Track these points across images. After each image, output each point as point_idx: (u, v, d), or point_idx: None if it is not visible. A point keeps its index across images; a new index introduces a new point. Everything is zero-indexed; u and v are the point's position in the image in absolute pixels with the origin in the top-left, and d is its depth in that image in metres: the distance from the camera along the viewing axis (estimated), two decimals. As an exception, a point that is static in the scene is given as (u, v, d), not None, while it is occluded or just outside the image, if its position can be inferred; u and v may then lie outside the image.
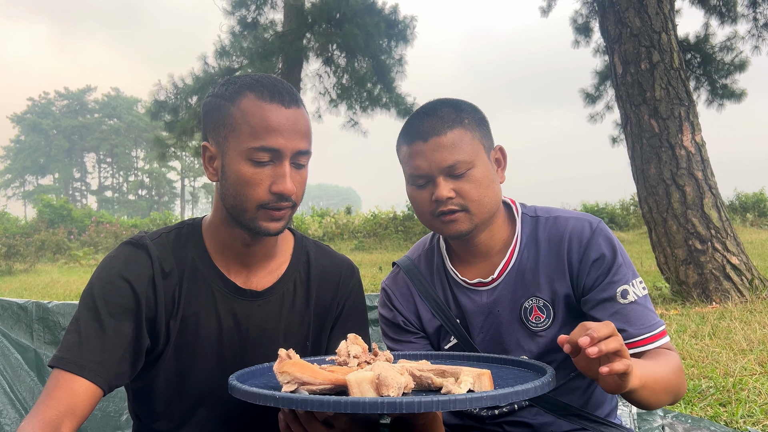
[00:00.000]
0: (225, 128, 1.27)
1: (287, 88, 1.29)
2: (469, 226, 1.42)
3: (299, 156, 1.28)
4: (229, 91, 1.28)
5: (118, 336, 1.25)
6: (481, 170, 1.42)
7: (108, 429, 2.17)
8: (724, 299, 5.85)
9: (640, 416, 2.52)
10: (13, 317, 2.26)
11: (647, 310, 1.39)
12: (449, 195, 1.39)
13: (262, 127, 1.23)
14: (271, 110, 1.24)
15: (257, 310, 1.40)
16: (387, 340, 1.61)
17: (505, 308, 1.48)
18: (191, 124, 13.51)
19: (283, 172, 1.25)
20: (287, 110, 1.25)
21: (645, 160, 6.40)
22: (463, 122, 1.42)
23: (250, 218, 1.28)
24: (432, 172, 1.39)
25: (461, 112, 1.44)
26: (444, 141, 1.39)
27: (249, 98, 1.25)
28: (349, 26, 12.97)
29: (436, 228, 1.46)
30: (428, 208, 1.43)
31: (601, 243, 1.43)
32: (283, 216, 1.29)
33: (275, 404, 0.94)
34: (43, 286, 11.20)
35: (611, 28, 6.72)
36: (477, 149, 1.42)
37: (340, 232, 21.80)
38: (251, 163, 1.24)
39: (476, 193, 1.40)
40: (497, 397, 0.92)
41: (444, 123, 1.40)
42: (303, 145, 1.27)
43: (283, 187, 1.24)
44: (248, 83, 1.27)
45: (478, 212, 1.41)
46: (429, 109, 1.45)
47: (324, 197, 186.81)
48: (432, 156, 1.39)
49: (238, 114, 1.25)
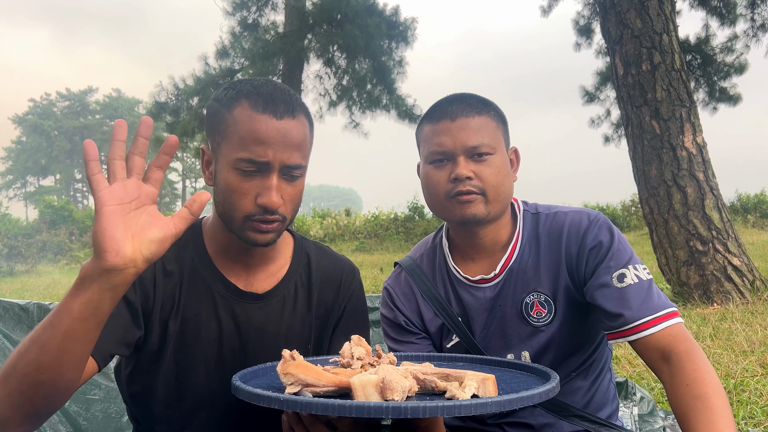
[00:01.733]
0: (219, 134, 1.26)
1: (285, 98, 1.26)
2: (483, 211, 1.42)
3: (290, 169, 1.25)
4: (227, 97, 1.27)
5: (114, 317, 1.22)
6: (501, 159, 1.45)
7: (109, 430, 2.17)
8: (726, 300, 5.84)
9: (641, 418, 2.52)
10: (14, 318, 2.26)
11: (649, 293, 1.35)
12: (469, 174, 1.40)
13: (250, 138, 1.21)
14: (261, 121, 1.22)
15: (258, 313, 1.39)
16: (388, 341, 1.61)
17: (507, 304, 1.49)
18: (192, 125, 13.51)
19: (270, 185, 1.23)
20: (278, 122, 1.23)
21: (646, 161, 6.39)
22: (490, 112, 1.47)
23: (238, 228, 1.27)
24: (455, 149, 1.42)
25: (488, 105, 1.49)
26: (471, 123, 1.43)
27: (243, 106, 1.23)
28: (350, 27, 12.97)
29: (450, 210, 1.45)
30: (444, 188, 1.44)
31: (598, 232, 1.43)
32: (272, 229, 1.27)
33: (279, 406, 0.94)
34: (44, 287, 11.20)
35: (612, 29, 6.72)
36: (499, 140, 1.46)
37: (341, 233, 21.79)
38: (239, 173, 1.23)
39: (494, 179, 1.42)
40: (502, 403, 0.92)
41: (472, 108, 1.45)
42: (294, 158, 1.25)
43: (268, 200, 1.22)
44: (246, 91, 1.26)
45: (494, 199, 1.43)
46: (458, 97, 1.49)
47: (325, 198, 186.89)
48: (458, 134, 1.42)
49: (231, 121, 1.24)
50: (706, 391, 1.17)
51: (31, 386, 1.02)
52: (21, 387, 1.01)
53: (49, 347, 1.00)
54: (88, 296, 0.98)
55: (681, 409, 1.18)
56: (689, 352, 1.25)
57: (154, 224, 1.02)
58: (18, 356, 1.02)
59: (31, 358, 1.00)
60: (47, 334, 1.00)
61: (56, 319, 0.99)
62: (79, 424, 2.16)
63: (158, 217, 1.04)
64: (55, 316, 1.00)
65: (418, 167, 1.55)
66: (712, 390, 1.17)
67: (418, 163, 1.55)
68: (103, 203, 0.98)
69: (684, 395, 1.19)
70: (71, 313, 0.98)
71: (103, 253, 0.97)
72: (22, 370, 1.01)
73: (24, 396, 1.02)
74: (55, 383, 1.03)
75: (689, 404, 1.17)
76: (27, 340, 1.02)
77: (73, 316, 0.98)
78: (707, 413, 1.13)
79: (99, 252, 0.97)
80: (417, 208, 21.79)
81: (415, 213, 21.87)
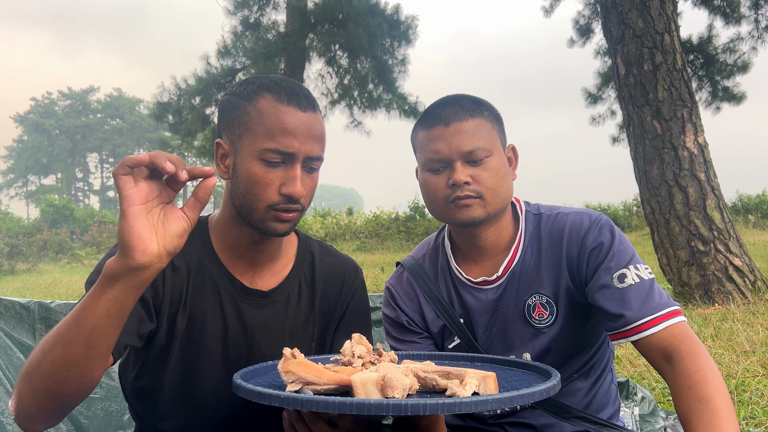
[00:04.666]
0: (240, 126, 1.27)
1: (305, 93, 1.29)
2: (483, 214, 1.42)
3: (311, 161, 1.28)
4: (247, 91, 1.29)
5: None
6: (498, 160, 1.44)
7: (110, 428, 2.17)
8: (727, 301, 5.84)
9: (642, 418, 2.52)
10: (15, 317, 2.27)
11: (650, 293, 1.34)
12: (466, 180, 1.40)
13: (277, 128, 1.23)
14: (288, 112, 1.24)
15: (263, 311, 1.40)
16: (390, 340, 1.61)
17: (509, 306, 1.49)
18: (195, 125, 13.52)
19: (294, 175, 1.25)
20: (303, 114, 1.25)
21: (647, 161, 6.39)
22: (484, 113, 1.46)
23: (258, 218, 1.28)
24: (451, 155, 1.41)
25: (481, 105, 1.48)
26: (465, 127, 1.42)
27: (266, 99, 1.26)
28: (352, 26, 12.97)
29: (449, 215, 1.45)
30: (442, 194, 1.44)
31: (599, 233, 1.43)
32: (291, 219, 1.29)
33: (280, 404, 0.94)
34: (45, 286, 11.21)
35: (614, 29, 6.71)
36: (495, 141, 1.45)
37: (342, 233, 21.78)
38: (263, 163, 1.24)
39: (492, 182, 1.42)
40: (503, 401, 0.92)
41: (465, 111, 1.44)
42: (316, 150, 1.28)
43: (293, 190, 1.24)
44: (267, 84, 1.28)
45: (493, 201, 1.42)
46: (450, 100, 1.48)
47: (326, 197, 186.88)
48: (452, 140, 1.41)
49: (255, 113, 1.25)
50: (709, 392, 1.16)
51: (57, 383, 1.05)
52: (47, 384, 1.05)
53: (74, 344, 1.02)
54: (115, 294, 1.01)
55: (683, 412, 1.17)
56: (691, 352, 1.24)
57: (172, 219, 1.05)
58: (42, 354, 1.05)
59: (57, 355, 1.03)
60: (72, 331, 1.02)
61: (81, 317, 1.02)
62: (80, 423, 2.16)
63: (174, 211, 1.06)
64: (80, 313, 1.02)
65: (417, 172, 1.55)
66: (715, 391, 1.16)
67: (416, 168, 1.55)
68: (131, 202, 0.99)
69: (686, 397, 1.18)
70: (97, 310, 1.01)
71: (131, 252, 0.99)
72: (47, 368, 1.04)
73: (50, 393, 1.06)
74: (82, 378, 1.06)
75: (691, 407, 1.16)
76: (51, 338, 1.05)
77: (99, 313, 1.01)
78: (709, 416, 1.12)
79: (126, 251, 0.99)
80: (418, 208, 21.77)
81: (416, 213, 21.85)
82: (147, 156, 1.00)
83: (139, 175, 1.01)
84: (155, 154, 1.00)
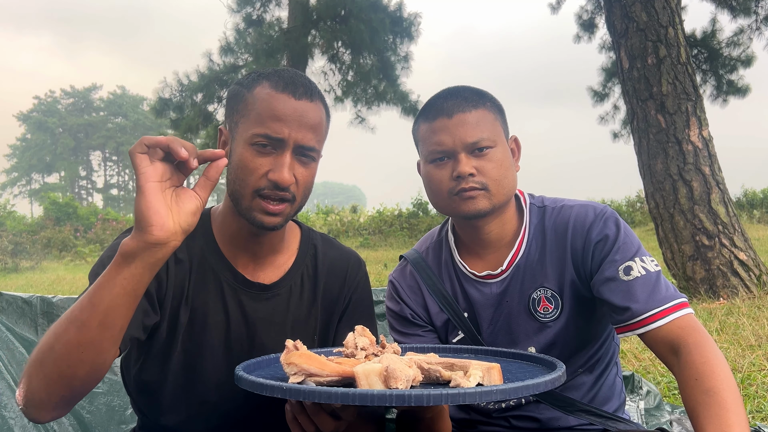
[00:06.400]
0: (237, 113, 1.28)
1: (304, 82, 1.29)
2: (487, 206, 1.41)
3: (304, 149, 1.26)
4: (248, 79, 1.31)
5: None
6: (502, 152, 1.43)
7: (113, 423, 2.17)
8: (732, 295, 5.82)
9: (647, 412, 2.51)
10: (17, 311, 2.26)
11: (657, 285, 1.33)
12: (471, 171, 1.39)
13: (267, 114, 1.23)
14: (280, 99, 1.24)
15: (265, 304, 1.39)
16: (394, 333, 1.60)
17: (513, 299, 1.47)
18: (196, 121, 13.51)
19: (283, 162, 1.24)
20: (297, 101, 1.25)
21: (652, 155, 6.36)
22: (486, 104, 1.45)
23: (246, 206, 1.27)
24: (455, 147, 1.40)
25: (483, 96, 1.47)
26: (469, 117, 1.41)
27: (263, 86, 1.27)
28: (355, 23, 12.93)
29: (453, 207, 1.44)
30: (447, 186, 1.42)
31: (604, 225, 1.41)
32: (279, 211, 1.26)
33: (282, 395, 0.93)
34: (49, 284, 11.23)
35: (618, 22, 6.68)
36: (498, 131, 1.44)
37: (345, 230, 21.79)
38: (254, 148, 1.24)
39: (496, 173, 1.40)
40: (507, 391, 0.91)
41: (468, 102, 1.43)
42: (308, 139, 1.26)
43: (279, 176, 1.22)
44: (268, 73, 1.29)
45: (497, 192, 1.41)
46: (452, 91, 1.47)
47: (329, 195, 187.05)
48: (456, 131, 1.40)
49: (251, 100, 1.26)
50: (716, 384, 1.14)
51: (70, 366, 1.05)
52: (60, 368, 1.05)
53: (89, 325, 1.03)
54: (131, 271, 1.02)
55: (690, 404, 1.16)
56: (698, 344, 1.22)
57: (184, 198, 1.08)
58: (55, 337, 1.05)
59: (70, 337, 1.04)
60: (86, 312, 1.03)
61: (96, 298, 1.03)
62: (83, 417, 2.16)
63: (186, 191, 1.09)
64: (95, 294, 1.03)
65: (419, 166, 1.53)
66: (722, 383, 1.14)
67: (418, 161, 1.53)
68: (147, 179, 1.03)
69: (693, 389, 1.16)
70: (114, 288, 1.03)
71: (149, 227, 1.01)
72: (60, 351, 1.04)
73: (62, 377, 1.05)
74: (95, 360, 1.06)
75: (698, 399, 1.14)
76: (63, 321, 1.05)
77: (115, 292, 1.03)
78: (716, 408, 1.11)
79: (144, 226, 1.02)
80: (421, 205, 21.76)
81: (419, 209, 21.85)
82: (165, 139, 1.03)
83: (154, 156, 1.04)
84: (172, 138, 1.04)
